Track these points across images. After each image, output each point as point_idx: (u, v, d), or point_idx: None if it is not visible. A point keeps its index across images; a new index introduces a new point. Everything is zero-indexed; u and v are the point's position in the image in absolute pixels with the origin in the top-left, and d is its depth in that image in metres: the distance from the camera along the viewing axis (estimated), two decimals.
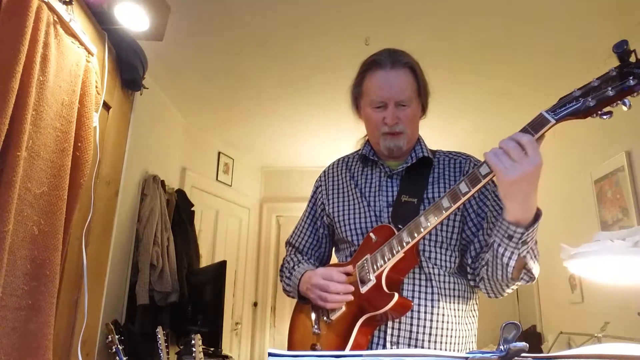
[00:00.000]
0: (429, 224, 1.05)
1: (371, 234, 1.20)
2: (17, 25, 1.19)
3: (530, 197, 0.94)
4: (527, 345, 0.53)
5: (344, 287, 1.15)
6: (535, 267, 1.06)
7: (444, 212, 1.03)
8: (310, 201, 1.47)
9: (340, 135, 3.63)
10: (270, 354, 0.55)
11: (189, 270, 3.17)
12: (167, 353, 2.23)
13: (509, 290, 1.13)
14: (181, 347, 2.96)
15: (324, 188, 1.42)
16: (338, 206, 1.35)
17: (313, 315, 1.26)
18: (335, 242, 1.41)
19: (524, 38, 2.58)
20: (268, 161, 4.75)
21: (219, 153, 4.27)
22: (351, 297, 1.14)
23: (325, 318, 1.21)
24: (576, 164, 3.16)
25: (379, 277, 1.11)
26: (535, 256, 1.05)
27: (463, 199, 1.00)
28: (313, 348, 1.21)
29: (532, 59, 2.76)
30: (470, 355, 0.54)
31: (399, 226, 1.13)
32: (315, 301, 1.20)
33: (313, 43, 2.74)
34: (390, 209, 1.24)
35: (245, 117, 3.76)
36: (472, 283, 1.21)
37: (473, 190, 0.99)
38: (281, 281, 1.42)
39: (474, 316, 1.25)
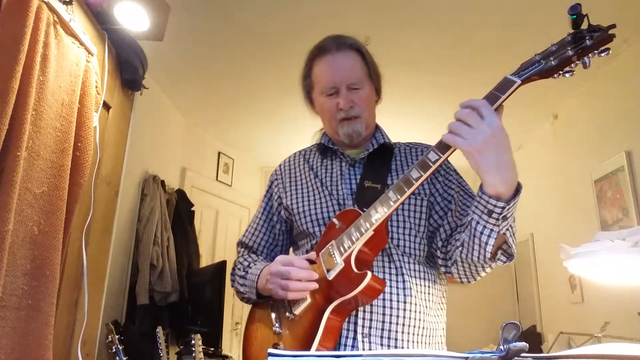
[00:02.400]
0: (399, 197, 0.99)
1: (334, 220, 1.12)
2: (17, 25, 1.19)
3: (504, 164, 0.89)
4: (527, 345, 0.53)
5: (307, 273, 1.05)
6: (514, 246, 1.00)
7: (414, 182, 0.97)
8: (265, 197, 1.39)
9: None
10: (270, 354, 0.55)
11: (189, 270, 3.17)
12: (167, 353, 2.23)
13: (483, 274, 1.08)
14: (181, 347, 2.96)
15: (281, 181, 1.35)
16: (297, 198, 1.27)
17: (273, 315, 1.15)
18: (293, 238, 1.33)
19: (524, 37, 2.58)
20: (268, 161, 4.75)
21: (219, 153, 4.27)
22: (315, 285, 1.05)
23: (287, 314, 1.11)
24: (576, 164, 3.16)
25: (347, 260, 1.03)
26: (514, 234, 1.00)
27: (434, 167, 0.95)
28: (275, 349, 1.12)
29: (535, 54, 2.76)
30: (470, 355, 0.54)
31: (364, 209, 1.07)
32: (275, 292, 1.08)
33: (313, 43, 2.73)
34: (354, 196, 1.19)
35: (245, 117, 3.76)
36: (442, 269, 1.16)
37: (444, 157, 0.95)
38: (232, 285, 1.31)
39: (442, 309, 1.20)
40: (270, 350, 0.55)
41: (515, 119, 3.44)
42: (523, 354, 0.53)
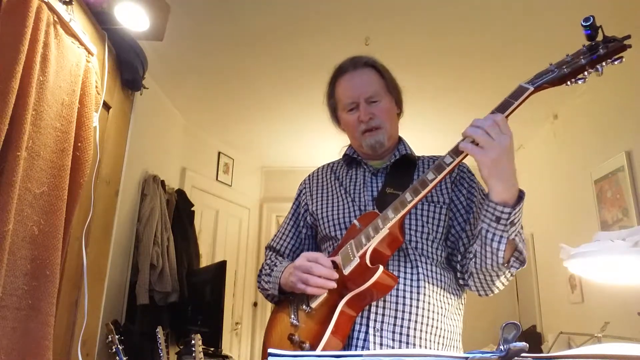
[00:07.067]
0: (413, 197, 1.03)
1: (355, 222, 1.17)
2: (17, 25, 1.19)
3: (512, 173, 0.97)
4: (527, 345, 0.53)
5: (329, 272, 1.09)
6: (524, 252, 1.05)
7: (429, 183, 1.02)
8: (293, 204, 1.46)
9: (340, 135, 3.63)
10: (270, 354, 0.55)
11: (189, 270, 3.17)
12: (167, 353, 2.23)
13: (498, 283, 1.12)
14: (181, 347, 2.96)
15: (308, 189, 1.42)
16: (322, 203, 1.34)
17: (292, 308, 1.20)
18: (318, 243, 1.38)
19: (524, 41, 2.58)
20: (268, 161, 4.75)
21: (219, 153, 4.27)
22: (334, 284, 1.08)
23: (304, 307, 1.15)
24: (576, 164, 3.16)
25: (362, 256, 1.08)
26: (523, 240, 1.05)
27: (448, 169, 1.01)
28: (290, 339, 1.12)
29: (534, 58, 2.76)
30: (470, 355, 0.54)
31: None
32: (296, 285, 1.13)
33: (313, 43, 2.74)
34: (374, 201, 1.24)
35: (245, 117, 3.76)
36: (461, 282, 1.19)
37: (457, 160, 1.00)
38: (259, 284, 1.37)
39: (459, 314, 1.22)
40: (270, 351, 0.55)
41: (515, 119, 3.42)
42: (523, 354, 0.53)
